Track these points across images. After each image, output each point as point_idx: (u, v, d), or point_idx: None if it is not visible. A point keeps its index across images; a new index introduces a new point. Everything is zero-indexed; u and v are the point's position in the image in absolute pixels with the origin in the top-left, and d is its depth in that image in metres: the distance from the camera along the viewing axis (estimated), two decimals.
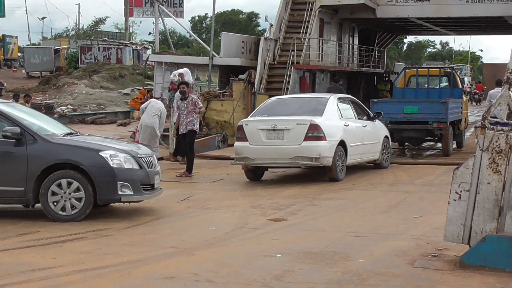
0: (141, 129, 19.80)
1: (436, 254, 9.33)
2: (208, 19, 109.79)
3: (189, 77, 24.51)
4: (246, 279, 8.25)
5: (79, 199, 12.06)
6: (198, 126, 19.36)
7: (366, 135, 18.71)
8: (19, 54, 75.37)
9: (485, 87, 61.62)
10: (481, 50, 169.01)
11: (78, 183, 12.03)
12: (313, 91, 31.29)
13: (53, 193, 12.04)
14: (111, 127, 33.39)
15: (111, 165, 12.13)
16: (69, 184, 12.05)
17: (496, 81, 22.81)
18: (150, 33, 79.76)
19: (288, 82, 29.29)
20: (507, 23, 37.15)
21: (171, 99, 23.60)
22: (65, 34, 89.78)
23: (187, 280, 8.21)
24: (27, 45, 79.53)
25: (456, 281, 8.12)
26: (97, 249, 10.00)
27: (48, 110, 33.12)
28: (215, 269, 8.73)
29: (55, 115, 32.29)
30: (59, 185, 12.04)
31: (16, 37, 77.27)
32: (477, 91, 62.71)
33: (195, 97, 20.05)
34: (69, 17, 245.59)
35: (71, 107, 41.52)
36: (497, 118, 8.80)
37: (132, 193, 12.34)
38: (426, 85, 27.66)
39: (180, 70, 25.09)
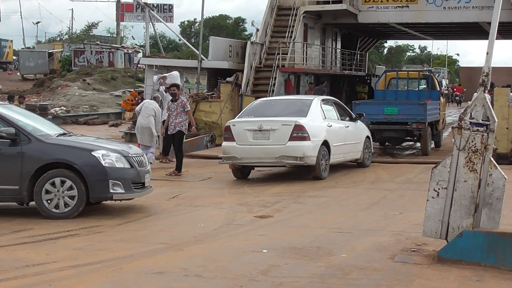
0: (137, 131, 19.73)
1: (415, 249, 9.35)
2: (196, 24, 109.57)
3: (172, 79, 24.39)
4: (233, 273, 8.25)
5: (72, 197, 12.02)
6: (186, 127, 19.31)
7: (349, 135, 18.74)
8: (14, 57, 75.01)
9: (465, 89, 62.15)
10: (458, 54, 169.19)
11: (71, 181, 11.99)
12: (298, 93, 31.35)
13: (47, 192, 11.99)
14: (103, 127, 33.33)
15: (103, 164, 12.10)
16: (63, 182, 12.01)
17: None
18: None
19: (274, 84, 29.28)
20: (482, 29, 37.28)
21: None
22: (58, 38, 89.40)
23: (176, 275, 8.20)
24: (22, 48, 79.23)
25: (434, 274, 8.14)
26: (89, 245, 9.97)
27: (42, 111, 33.04)
28: (203, 264, 8.72)
29: (49, 116, 32.19)
30: (53, 184, 12.00)
31: (11, 41, 76.96)
32: (458, 93, 63.32)
33: (185, 99, 20.00)
34: (63, 22, 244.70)
35: (65, 109, 41.42)
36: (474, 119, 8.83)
37: (123, 191, 12.31)
38: (405, 88, 27.76)
39: (165, 74, 25.01)
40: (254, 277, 8.09)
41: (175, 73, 25.24)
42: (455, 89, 65.86)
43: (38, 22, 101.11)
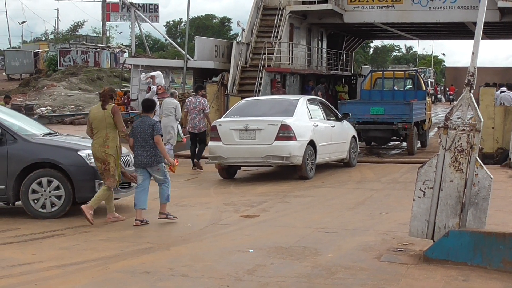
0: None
1: (401, 249, 9.37)
2: (182, 24, 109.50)
3: (160, 79, 24.43)
4: (219, 273, 8.24)
5: (59, 197, 11.99)
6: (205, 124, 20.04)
7: (335, 135, 18.76)
8: (0, 57, 74.71)
9: (456, 89, 62.99)
10: (444, 54, 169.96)
11: (58, 181, 11.97)
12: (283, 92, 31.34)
13: (34, 191, 11.96)
14: None
15: (89, 164, 12.07)
16: (49, 182, 11.97)
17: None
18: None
19: (260, 84, 29.30)
20: (468, 29, 37.44)
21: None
22: (44, 38, 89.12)
23: (163, 275, 8.19)
24: (7, 48, 78.88)
25: (420, 274, 8.16)
26: (75, 245, 9.94)
27: (28, 111, 32.89)
28: (190, 263, 8.71)
29: (35, 116, 32.05)
30: (40, 183, 11.97)
31: None
32: (451, 93, 65.33)
33: (205, 101, 20.47)
34: (48, 22, 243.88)
35: (50, 108, 41.27)
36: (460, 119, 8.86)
37: None
38: (391, 87, 27.80)
39: (152, 73, 25.00)
40: (241, 276, 8.08)
41: (160, 73, 25.26)
42: (447, 89, 68.93)
43: (23, 22, 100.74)
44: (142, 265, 8.63)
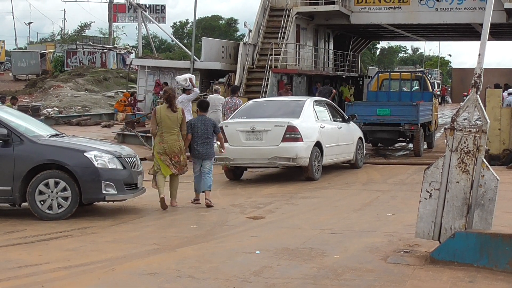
0: None
1: (408, 250, 9.36)
2: (189, 25, 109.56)
3: (194, 81, 24.64)
4: (226, 274, 8.25)
5: (65, 198, 12.00)
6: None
7: (341, 137, 18.75)
8: (6, 57, 74.84)
9: (448, 90, 63.37)
10: (450, 55, 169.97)
11: (65, 182, 11.97)
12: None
13: (41, 192, 11.97)
14: (96, 128, 33.20)
15: (96, 165, 12.09)
16: (56, 183, 11.98)
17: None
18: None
19: (267, 85, 29.33)
20: (474, 30, 37.40)
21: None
22: (50, 38, 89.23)
23: (169, 276, 8.20)
24: (14, 49, 79.02)
25: (427, 275, 8.15)
26: (82, 246, 9.96)
27: (34, 112, 32.91)
28: (196, 265, 8.72)
29: (41, 117, 32.06)
30: (47, 185, 11.97)
31: (3, 41, 76.89)
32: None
33: (239, 101, 21.20)
34: (55, 23, 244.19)
35: (57, 109, 41.31)
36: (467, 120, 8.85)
37: (116, 192, 12.31)
38: (398, 89, 27.79)
39: (189, 75, 25.04)
40: (247, 278, 8.09)
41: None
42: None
43: (30, 23, 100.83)
44: (149, 267, 8.64)
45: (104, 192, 12.15)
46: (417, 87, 28.50)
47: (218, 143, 14.34)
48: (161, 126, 13.44)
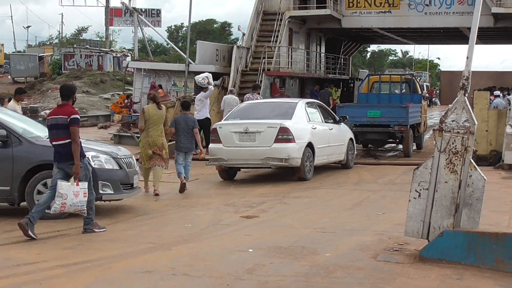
0: None
1: (397, 249, 9.38)
2: (184, 28, 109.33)
3: (211, 80, 24.75)
4: (220, 272, 8.25)
5: None
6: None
7: (332, 138, 18.77)
8: (5, 60, 74.65)
9: (435, 92, 63.74)
10: (439, 58, 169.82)
11: None
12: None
13: (39, 192, 11.95)
14: (93, 129, 33.11)
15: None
16: None
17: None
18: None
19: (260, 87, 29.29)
20: (463, 34, 37.48)
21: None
22: (49, 42, 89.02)
23: (164, 274, 8.19)
24: (12, 52, 78.77)
25: (416, 273, 8.16)
26: (79, 245, 9.95)
27: (32, 113, 32.88)
28: (190, 263, 8.72)
29: (40, 119, 31.97)
30: (45, 185, 11.95)
31: (2, 45, 76.65)
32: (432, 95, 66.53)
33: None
34: (52, 27, 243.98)
35: None
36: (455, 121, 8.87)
37: (112, 192, 12.31)
38: (388, 91, 27.83)
39: (206, 74, 25.07)
40: (240, 276, 8.09)
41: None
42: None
43: (28, 27, 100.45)
44: (144, 265, 8.63)
45: (101, 191, 12.14)
46: (407, 90, 28.55)
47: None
48: (148, 123, 15.20)
